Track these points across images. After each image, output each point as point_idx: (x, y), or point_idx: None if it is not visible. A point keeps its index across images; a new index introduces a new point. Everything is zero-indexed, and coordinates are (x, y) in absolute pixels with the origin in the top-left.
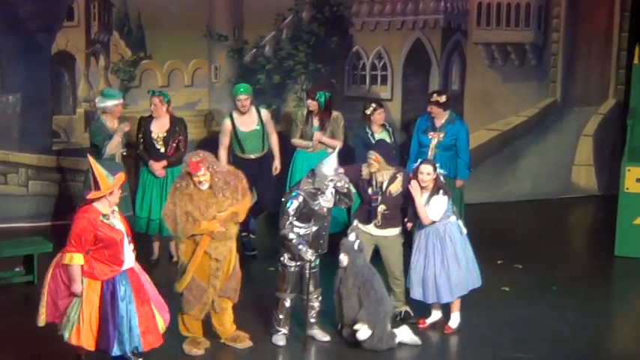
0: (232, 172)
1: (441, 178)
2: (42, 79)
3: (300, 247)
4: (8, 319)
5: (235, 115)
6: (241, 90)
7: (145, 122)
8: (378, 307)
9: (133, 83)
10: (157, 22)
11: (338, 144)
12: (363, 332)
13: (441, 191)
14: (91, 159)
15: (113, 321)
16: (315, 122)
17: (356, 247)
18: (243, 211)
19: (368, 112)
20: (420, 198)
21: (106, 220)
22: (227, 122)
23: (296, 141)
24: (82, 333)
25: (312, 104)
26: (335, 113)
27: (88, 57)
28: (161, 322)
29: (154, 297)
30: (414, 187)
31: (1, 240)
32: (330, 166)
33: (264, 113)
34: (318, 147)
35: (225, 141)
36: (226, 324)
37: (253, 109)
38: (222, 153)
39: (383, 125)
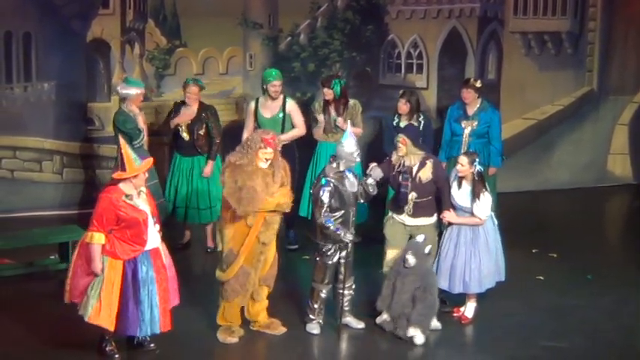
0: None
1: (479, 171)
2: (77, 66)
3: (339, 232)
4: (43, 306)
5: (261, 99)
6: (275, 76)
7: (175, 109)
8: (431, 312)
9: (168, 71)
10: (192, 10)
11: (359, 131)
12: (419, 338)
13: (484, 190)
14: (122, 140)
15: (134, 302)
16: (333, 112)
17: (427, 250)
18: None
19: (399, 95)
20: (458, 219)
21: (128, 201)
22: (251, 105)
23: (318, 134)
24: (101, 312)
25: (328, 93)
26: (352, 101)
27: (123, 45)
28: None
29: (171, 281)
30: (447, 216)
31: (35, 228)
32: (349, 143)
33: (290, 103)
34: (339, 136)
35: (249, 124)
36: (262, 312)
37: (281, 97)
38: (246, 136)
39: (415, 115)
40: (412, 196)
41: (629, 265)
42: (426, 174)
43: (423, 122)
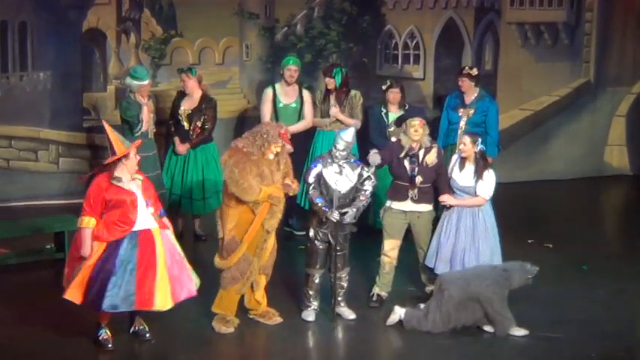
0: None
1: (481, 150)
2: (73, 56)
3: (326, 209)
4: (39, 295)
5: (278, 86)
6: (292, 61)
7: (178, 97)
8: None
9: (164, 61)
10: (188, 0)
11: (355, 122)
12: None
13: (488, 169)
14: (106, 124)
15: (103, 276)
16: (333, 100)
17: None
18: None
19: (383, 87)
20: (457, 201)
21: (116, 183)
22: (269, 90)
23: (315, 120)
24: (72, 287)
25: (330, 82)
26: (353, 92)
27: (118, 34)
28: (165, 295)
29: (176, 267)
30: (446, 199)
31: (31, 217)
32: (346, 136)
33: (306, 93)
34: (335, 126)
35: (266, 110)
36: (262, 300)
37: (297, 86)
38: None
39: (402, 106)
40: (418, 180)
41: (624, 256)
42: (431, 158)
43: (408, 109)
